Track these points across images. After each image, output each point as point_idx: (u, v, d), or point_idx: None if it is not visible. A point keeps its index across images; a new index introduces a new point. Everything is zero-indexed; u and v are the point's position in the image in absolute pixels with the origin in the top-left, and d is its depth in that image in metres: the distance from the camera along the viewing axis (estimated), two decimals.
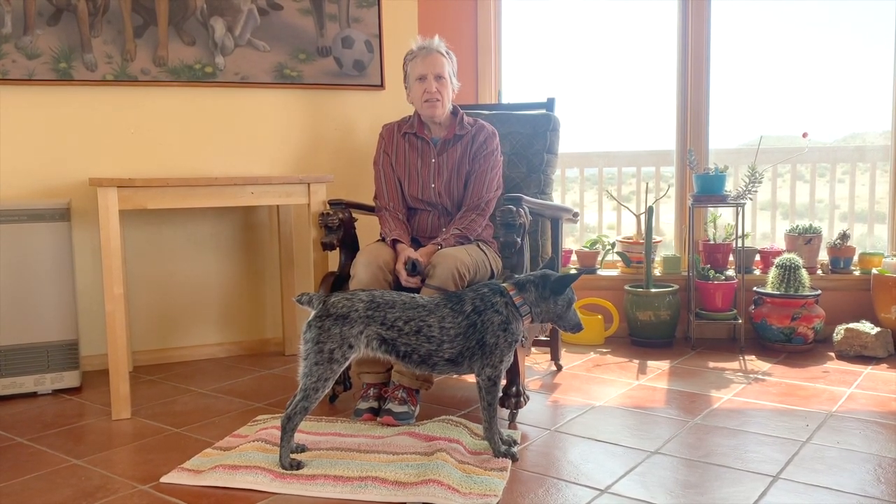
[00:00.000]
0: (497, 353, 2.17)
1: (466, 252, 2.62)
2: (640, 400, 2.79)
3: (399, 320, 2.13)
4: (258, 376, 3.20)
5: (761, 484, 2.03)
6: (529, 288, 2.22)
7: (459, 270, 2.49)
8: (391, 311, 2.14)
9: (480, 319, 2.16)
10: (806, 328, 3.43)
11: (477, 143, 2.78)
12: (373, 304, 2.14)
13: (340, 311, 2.12)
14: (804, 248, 3.71)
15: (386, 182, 2.83)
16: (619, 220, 4.24)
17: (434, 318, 2.15)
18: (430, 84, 2.73)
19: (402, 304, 2.16)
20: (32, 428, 2.58)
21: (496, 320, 2.16)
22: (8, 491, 2.06)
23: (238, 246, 3.57)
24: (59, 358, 2.96)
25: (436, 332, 2.15)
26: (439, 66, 2.74)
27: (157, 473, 2.14)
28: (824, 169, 4.12)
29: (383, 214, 2.79)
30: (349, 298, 2.15)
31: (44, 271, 2.92)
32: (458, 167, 2.77)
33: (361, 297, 2.16)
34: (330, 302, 2.14)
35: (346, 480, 2.04)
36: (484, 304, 2.17)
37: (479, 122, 2.86)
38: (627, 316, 3.66)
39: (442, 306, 2.18)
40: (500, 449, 2.21)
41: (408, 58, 2.81)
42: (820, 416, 2.57)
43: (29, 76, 3.10)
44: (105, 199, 2.63)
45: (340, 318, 2.12)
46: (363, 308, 2.13)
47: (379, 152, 2.88)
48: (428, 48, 2.76)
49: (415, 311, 2.15)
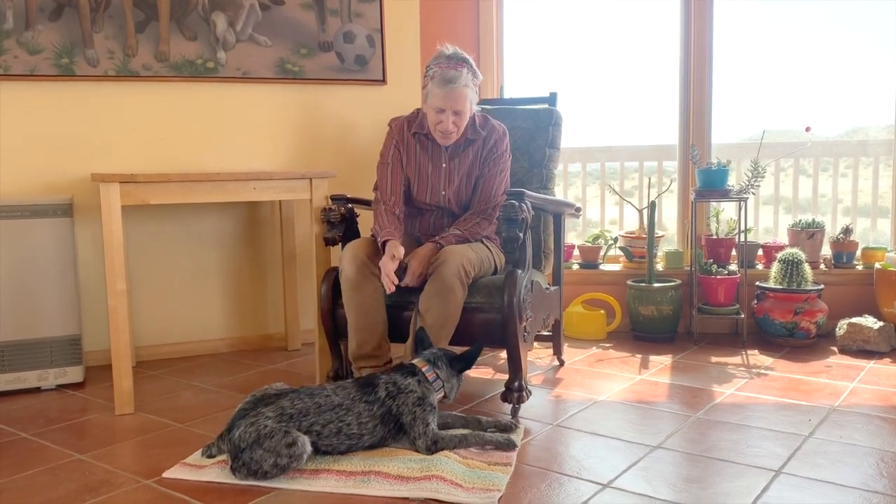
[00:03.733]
0: (418, 424, 2.17)
1: (471, 249, 2.61)
2: (643, 395, 2.79)
3: (316, 424, 2.07)
4: (261, 371, 3.20)
5: (763, 478, 2.03)
6: (441, 364, 2.28)
7: (465, 267, 2.49)
8: (306, 419, 2.05)
9: (395, 404, 2.17)
10: (808, 323, 3.42)
11: (488, 146, 2.72)
12: (283, 416, 2.03)
13: (251, 440, 1.97)
14: (807, 242, 3.71)
15: (392, 176, 2.75)
16: (621, 215, 4.23)
17: (352, 415, 2.12)
18: (446, 119, 2.60)
19: (316, 409, 2.07)
20: (36, 423, 2.59)
21: (410, 400, 2.18)
22: (12, 486, 2.07)
23: (240, 241, 3.58)
24: (62, 353, 2.97)
25: (355, 429, 2.13)
26: (460, 103, 2.59)
27: (160, 468, 2.15)
28: (827, 163, 4.11)
29: (380, 209, 2.71)
30: (253, 423, 1.99)
31: (46, 267, 2.93)
32: (469, 172, 2.73)
33: (268, 414, 2.02)
34: (236, 438, 1.99)
35: (350, 475, 2.04)
36: (397, 388, 2.18)
37: (489, 122, 2.77)
38: (630, 311, 3.66)
39: (357, 401, 2.14)
40: (499, 440, 2.22)
41: (429, 73, 2.63)
42: (822, 411, 2.57)
43: (31, 72, 3.09)
44: (107, 195, 2.63)
45: (256, 445, 1.97)
46: (274, 422, 2.01)
47: (389, 145, 2.79)
48: (452, 82, 2.55)
49: (332, 413, 2.09)
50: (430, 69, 2.62)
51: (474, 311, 2.52)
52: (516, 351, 2.49)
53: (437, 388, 2.26)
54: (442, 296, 2.46)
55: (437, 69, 2.59)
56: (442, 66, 2.58)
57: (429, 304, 2.47)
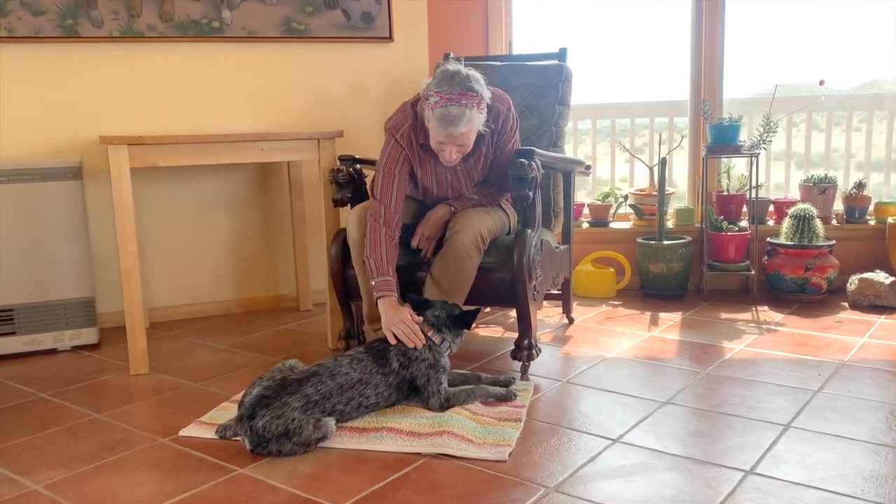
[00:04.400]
0: (432, 384, 2.21)
1: (489, 215, 2.58)
2: (652, 351, 2.80)
3: (339, 404, 2.08)
4: (273, 331, 3.23)
5: (772, 433, 2.05)
6: (445, 327, 2.30)
7: (482, 235, 2.47)
8: (329, 401, 2.04)
9: (409, 371, 2.21)
10: (819, 278, 3.41)
11: (497, 131, 2.53)
12: (309, 404, 2.00)
13: (279, 433, 1.95)
14: (819, 198, 3.68)
15: (398, 190, 2.46)
16: (631, 173, 4.20)
17: (370, 388, 2.14)
18: (448, 151, 2.37)
19: (338, 390, 2.07)
20: (54, 384, 2.63)
21: (424, 366, 2.21)
22: (33, 444, 2.11)
23: (250, 203, 3.58)
24: (76, 315, 3.00)
25: (373, 400, 2.16)
26: (464, 139, 2.34)
27: (176, 427, 2.18)
28: (840, 117, 4.05)
29: (378, 232, 2.41)
30: (280, 416, 1.95)
31: (58, 230, 2.94)
32: (485, 162, 2.59)
33: (293, 405, 1.98)
34: (259, 427, 1.94)
35: (363, 431, 2.07)
36: (408, 357, 2.21)
37: (494, 106, 2.46)
38: (639, 268, 3.66)
39: (374, 373, 2.15)
40: (501, 393, 2.28)
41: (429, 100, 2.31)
42: (832, 366, 2.58)
43: (35, 33, 3.07)
44: (116, 157, 2.63)
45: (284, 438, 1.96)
46: (300, 413, 1.98)
47: (395, 157, 2.48)
48: (454, 125, 2.27)
49: (353, 391, 2.10)
50: (431, 95, 2.30)
51: (484, 271, 2.52)
52: (526, 310, 2.50)
53: (446, 350, 2.30)
54: (457, 263, 2.45)
55: (438, 99, 2.28)
56: (444, 96, 2.27)
57: (443, 271, 2.47)
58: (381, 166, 2.49)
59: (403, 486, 1.80)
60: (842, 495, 1.70)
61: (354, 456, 1.97)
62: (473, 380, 2.38)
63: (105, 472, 1.93)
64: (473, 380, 2.38)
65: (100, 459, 2.00)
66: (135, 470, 1.94)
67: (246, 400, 2.01)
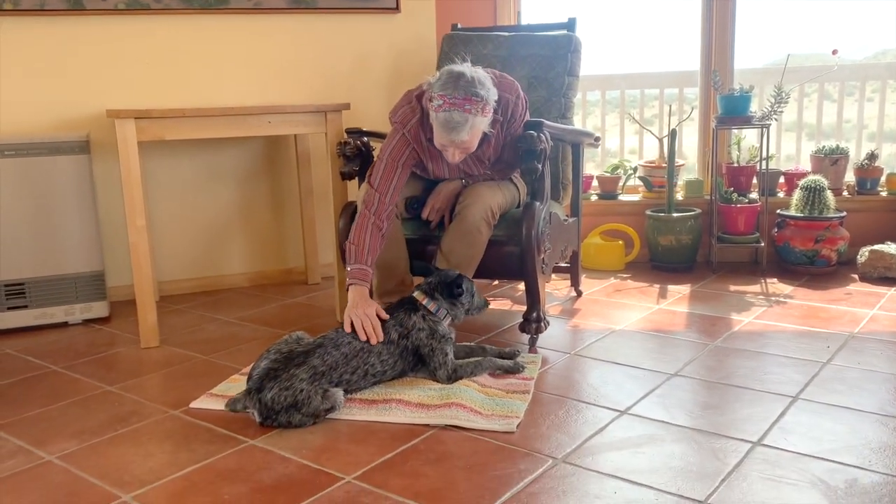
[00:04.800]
0: (437, 355, 2.21)
1: (499, 188, 2.57)
2: (660, 324, 2.80)
3: (346, 374, 2.09)
4: (282, 305, 3.25)
5: (780, 404, 2.05)
6: (438, 294, 2.28)
7: (492, 209, 2.46)
8: (336, 372, 2.06)
9: (409, 341, 2.21)
10: (829, 250, 3.39)
11: (507, 119, 2.47)
12: (316, 375, 2.01)
13: (287, 404, 1.97)
14: (830, 169, 3.64)
15: (398, 181, 2.42)
16: (641, 144, 4.17)
17: (373, 356, 2.15)
18: (451, 152, 2.34)
19: (343, 360, 2.08)
20: (65, 356, 2.65)
21: (422, 335, 2.21)
22: (46, 416, 2.14)
23: (259, 176, 3.57)
24: (86, 289, 3.02)
25: (378, 368, 2.17)
26: (467, 143, 2.30)
27: (187, 399, 2.20)
28: (853, 87, 4.00)
29: (366, 220, 2.36)
30: (288, 388, 1.97)
31: (66, 204, 2.95)
32: (495, 149, 2.54)
33: (301, 376, 1.99)
34: (268, 399, 1.96)
35: (371, 403, 2.09)
36: (404, 327, 2.21)
37: (502, 96, 2.39)
38: (648, 241, 3.65)
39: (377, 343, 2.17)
40: (508, 365, 2.29)
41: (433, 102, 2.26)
42: (841, 338, 2.57)
43: (40, 6, 3.05)
44: (123, 131, 2.63)
45: (293, 409, 1.97)
46: (308, 384, 1.99)
47: (402, 151, 2.43)
48: (456, 131, 2.23)
49: (357, 360, 2.11)
50: (435, 97, 2.25)
51: (493, 245, 2.51)
52: (534, 283, 2.50)
53: (443, 317, 2.28)
54: (467, 238, 2.44)
55: (442, 103, 2.22)
56: (447, 100, 2.21)
57: (452, 246, 2.46)
58: (385, 156, 2.43)
59: (412, 457, 1.82)
60: (849, 466, 1.71)
61: (363, 427, 1.99)
62: (479, 352, 2.40)
63: (118, 444, 1.95)
64: (479, 352, 2.40)
65: (112, 431, 2.02)
66: (147, 441, 1.96)
67: (254, 373, 2.03)
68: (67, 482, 1.76)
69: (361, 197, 2.44)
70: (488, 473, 1.73)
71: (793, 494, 1.60)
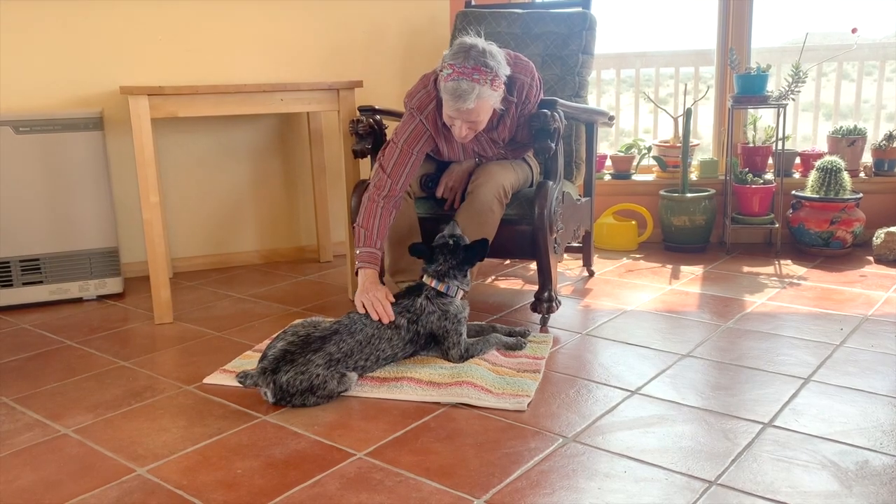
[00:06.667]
0: (451, 335, 2.21)
1: (512, 167, 2.56)
2: (673, 304, 2.79)
3: (360, 360, 2.09)
4: (294, 282, 3.26)
5: (792, 386, 2.05)
6: (451, 272, 2.24)
7: (505, 188, 2.45)
8: (351, 359, 2.06)
9: (420, 325, 2.20)
10: (845, 232, 3.37)
11: (521, 102, 2.44)
12: (332, 361, 2.02)
13: (303, 388, 1.98)
14: (847, 150, 3.60)
15: (410, 168, 2.40)
16: (655, 124, 4.14)
17: (384, 342, 2.15)
18: (458, 127, 2.31)
19: (358, 346, 2.09)
20: (80, 332, 2.68)
21: (433, 318, 2.21)
22: (62, 390, 2.17)
23: (271, 154, 3.57)
24: (100, 265, 3.04)
25: (389, 352, 2.17)
26: (473, 115, 2.26)
27: (201, 374, 2.23)
28: (872, 67, 3.94)
29: (377, 204, 2.36)
30: (304, 372, 1.97)
31: (80, 180, 2.96)
32: (510, 131, 2.52)
33: (317, 362, 1.99)
34: (284, 382, 1.97)
35: (382, 381, 2.10)
36: (413, 313, 2.20)
37: (517, 77, 2.36)
38: (662, 221, 3.63)
39: (386, 328, 2.16)
40: (514, 343, 2.31)
41: (443, 72, 2.24)
42: (855, 320, 2.56)
43: None
44: (136, 108, 2.63)
45: (308, 393, 1.99)
46: (324, 369, 2.00)
47: (417, 137, 2.40)
48: (462, 99, 2.19)
49: (370, 347, 2.12)
50: (445, 67, 2.23)
51: (506, 224, 2.51)
52: (546, 262, 2.50)
53: (454, 293, 2.25)
54: (480, 217, 2.44)
55: (451, 72, 2.20)
56: (456, 69, 2.19)
57: (465, 224, 2.45)
58: (399, 141, 2.40)
59: (423, 434, 1.83)
60: (860, 448, 1.71)
61: (374, 405, 2.00)
62: (489, 331, 2.40)
63: (132, 418, 1.97)
64: (489, 331, 2.40)
65: (126, 406, 2.05)
66: (161, 416, 1.98)
67: (269, 353, 2.03)
68: (82, 455, 1.79)
69: (373, 179, 2.42)
70: (499, 451, 1.74)
71: (803, 476, 1.60)
